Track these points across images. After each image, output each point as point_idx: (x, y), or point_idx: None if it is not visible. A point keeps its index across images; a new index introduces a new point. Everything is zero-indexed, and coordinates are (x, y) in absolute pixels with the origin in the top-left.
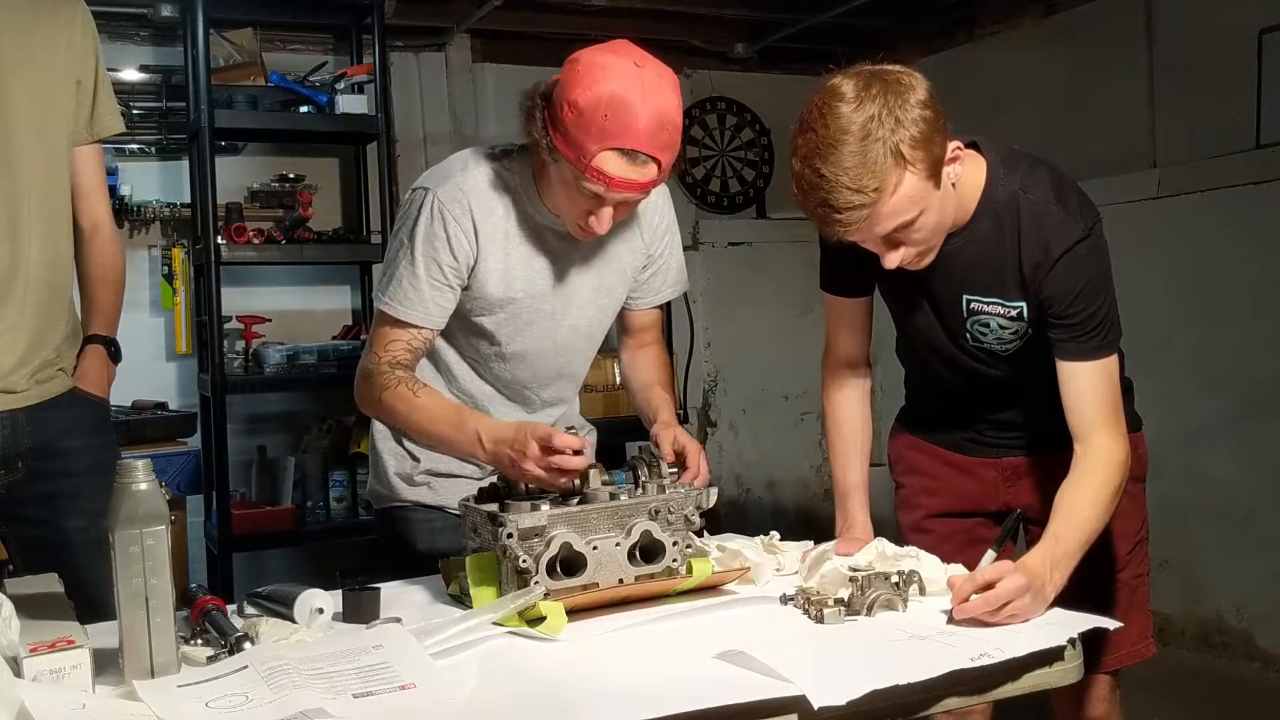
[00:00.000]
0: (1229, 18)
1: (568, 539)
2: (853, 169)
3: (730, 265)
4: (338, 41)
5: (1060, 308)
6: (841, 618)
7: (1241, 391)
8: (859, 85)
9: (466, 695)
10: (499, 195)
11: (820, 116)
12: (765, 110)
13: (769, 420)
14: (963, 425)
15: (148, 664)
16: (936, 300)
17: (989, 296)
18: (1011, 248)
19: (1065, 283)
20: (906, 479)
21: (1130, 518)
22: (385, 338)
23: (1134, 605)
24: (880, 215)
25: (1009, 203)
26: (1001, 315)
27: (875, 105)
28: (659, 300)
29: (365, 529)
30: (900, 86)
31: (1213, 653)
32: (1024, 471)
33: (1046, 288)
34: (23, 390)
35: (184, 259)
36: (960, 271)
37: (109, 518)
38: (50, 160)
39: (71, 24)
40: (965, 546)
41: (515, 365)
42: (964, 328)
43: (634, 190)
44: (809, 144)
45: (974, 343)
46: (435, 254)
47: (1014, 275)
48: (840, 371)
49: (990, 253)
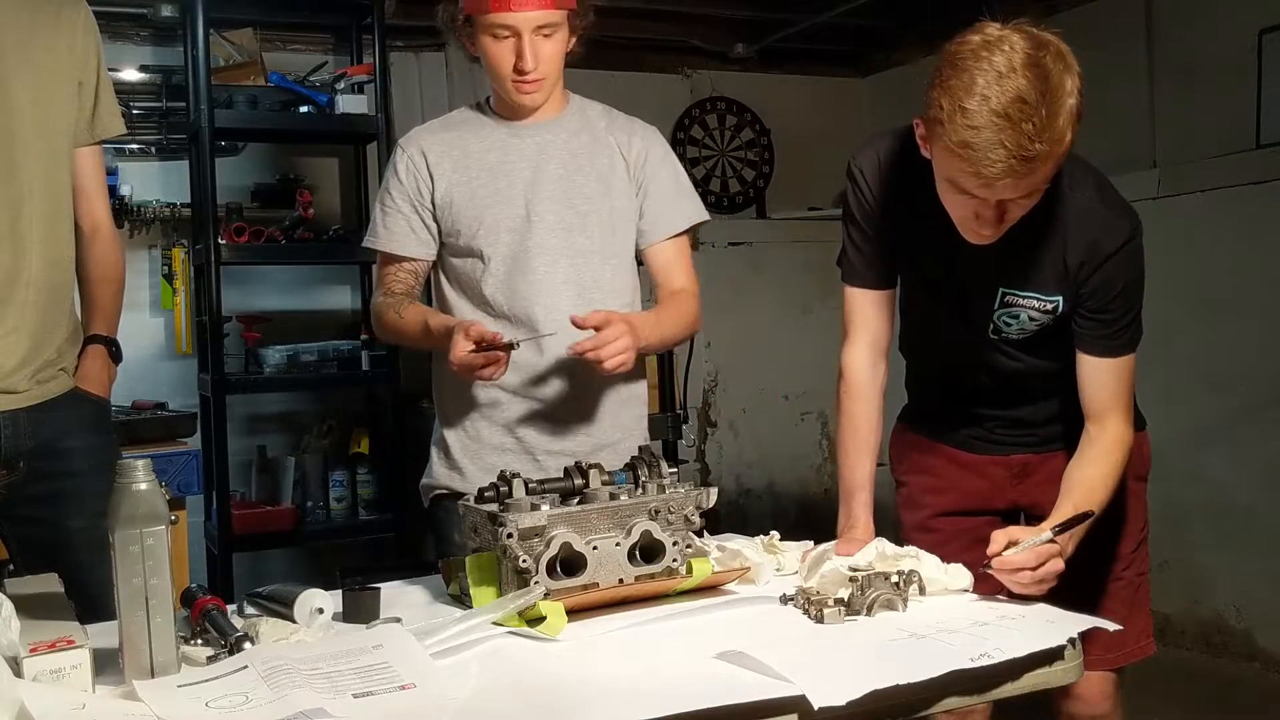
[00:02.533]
0: (1229, 18)
1: (568, 539)
2: (1040, 118)
3: (730, 265)
4: (338, 41)
5: (1097, 304)
6: (841, 618)
7: (1241, 391)
8: (1033, 40)
9: (466, 695)
10: (452, 127)
11: (1002, 56)
12: (765, 110)
13: (769, 420)
14: (971, 422)
15: (148, 664)
16: (966, 290)
17: (1027, 290)
18: (1058, 243)
19: (1109, 282)
20: (910, 477)
21: (1133, 516)
22: (381, 278)
23: (1136, 603)
24: (1041, 174)
25: (1055, 199)
26: (1035, 308)
27: (1056, 64)
28: (670, 228)
29: (365, 529)
30: (1066, 53)
31: (1213, 653)
32: (1032, 469)
33: (1089, 285)
34: (24, 391)
35: (184, 259)
36: (1003, 263)
37: (109, 518)
38: (52, 162)
39: (74, 25)
40: (972, 545)
41: (502, 280)
42: (989, 318)
43: (538, 5)
44: (988, 81)
45: (995, 333)
46: (389, 187)
47: (1057, 270)
48: (859, 367)
49: (1035, 247)
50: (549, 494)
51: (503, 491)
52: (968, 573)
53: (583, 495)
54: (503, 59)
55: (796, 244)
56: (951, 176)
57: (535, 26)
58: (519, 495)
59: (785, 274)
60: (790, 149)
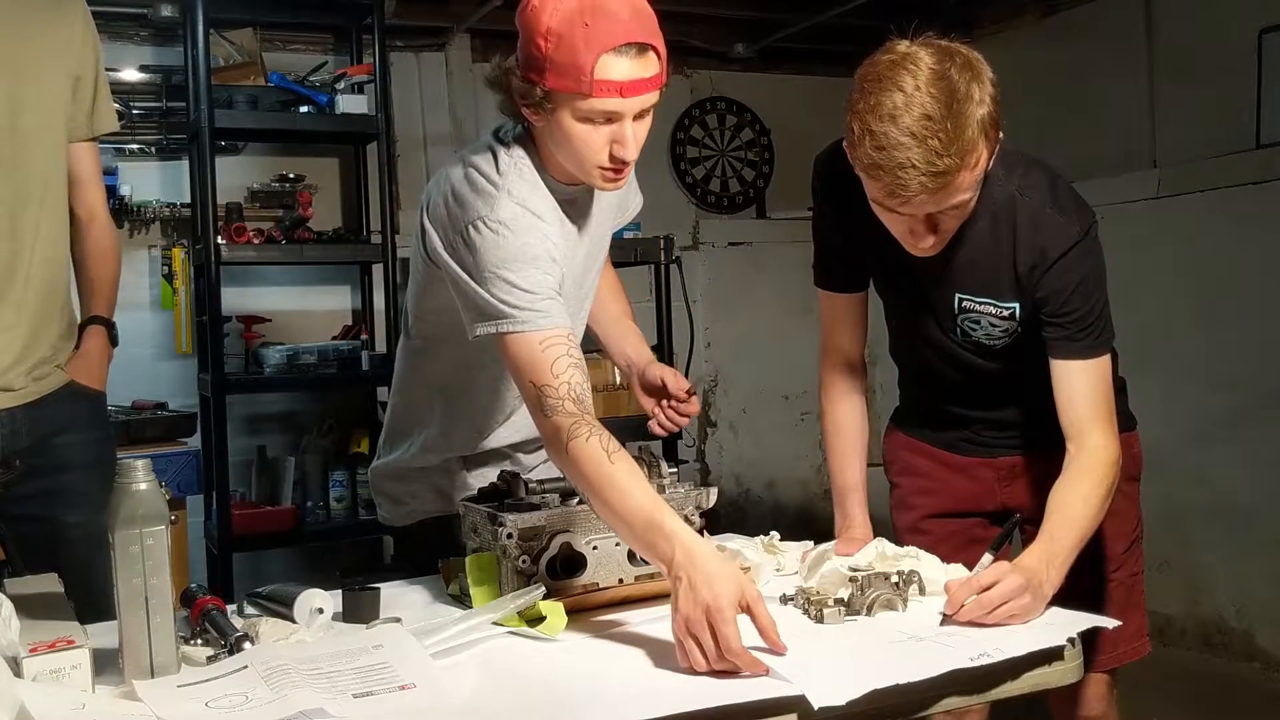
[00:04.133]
0: (1229, 18)
1: (568, 539)
2: (947, 133)
3: (730, 265)
4: (338, 41)
5: (1054, 307)
6: (841, 618)
7: (1241, 391)
8: (939, 54)
9: (466, 695)
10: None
11: (909, 75)
12: (765, 110)
13: (769, 420)
14: (958, 424)
15: (148, 664)
16: (929, 295)
17: (981, 297)
18: (1007, 250)
19: (1060, 283)
20: (902, 479)
21: (1125, 517)
22: (541, 362)
23: (1130, 604)
24: (956, 187)
25: (1007, 204)
26: (993, 315)
27: (962, 75)
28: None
29: (365, 529)
30: (975, 62)
31: (1213, 653)
32: (1020, 471)
33: (1041, 289)
34: (20, 388)
35: (184, 259)
36: (954, 270)
37: (109, 518)
38: (51, 159)
39: (72, 22)
40: (963, 547)
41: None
42: (955, 323)
43: (647, 89)
44: (894, 102)
45: (964, 337)
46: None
47: (1009, 276)
48: (837, 371)
49: (986, 254)
50: (549, 494)
51: (503, 491)
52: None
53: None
54: (598, 146)
55: (796, 244)
56: (874, 196)
57: (640, 111)
58: (519, 495)
59: (785, 274)
60: (790, 149)
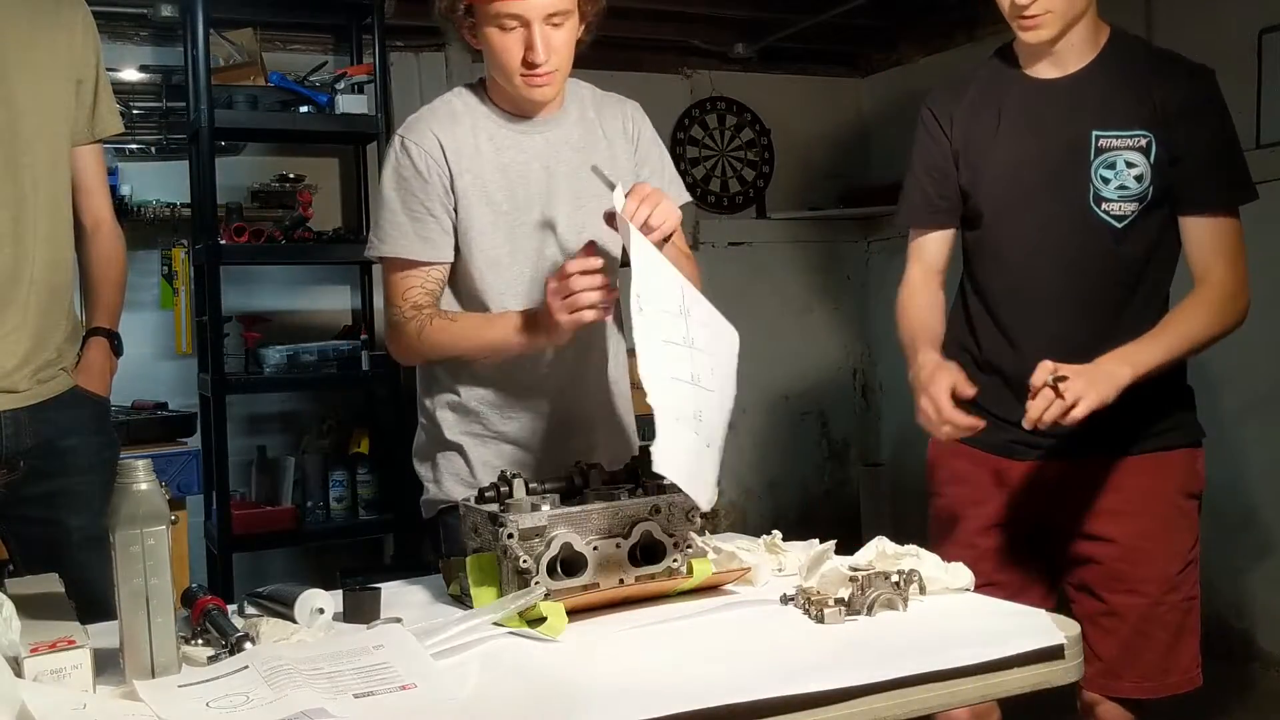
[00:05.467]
0: (1229, 18)
1: (568, 539)
2: None
3: (730, 265)
4: (338, 41)
5: (1189, 128)
6: (841, 618)
7: (1242, 392)
8: None
9: (466, 695)
10: (458, 119)
11: None
12: (765, 110)
13: (769, 420)
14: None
15: (148, 664)
16: (1056, 151)
17: (1119, 130)
18: (1144, 75)
19: (1196, 101)
20: (948, 489)
21: (1181, 535)
22: (397, 287)
23: (1185, 629)
24: None
25: (1138, 42)
26: (1130, 147)
27: None
28: None
29: (365, 529)
30: None
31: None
32: (1069, 481)
33: (1176, 107)
34: (24, 390)
35: (184, 259)
36: (1091, 103)
37: (109, 518)
38: (53, 162)
39: (73, 25)
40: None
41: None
42: (1088, 177)
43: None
44: None
45: (1094, 197)
46: (409, 186)
47: (1146, 103)
48: (917, 279)
49: (1123, 81)
50: (549, 494)
51: (503, 491)
52: (968, 572)
53: (583, 495)
54: (510, 51)
55: (796, 244)
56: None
57: (546, 15)
58: (519, 495)
59: (785, 274)
60: (790, 149)
